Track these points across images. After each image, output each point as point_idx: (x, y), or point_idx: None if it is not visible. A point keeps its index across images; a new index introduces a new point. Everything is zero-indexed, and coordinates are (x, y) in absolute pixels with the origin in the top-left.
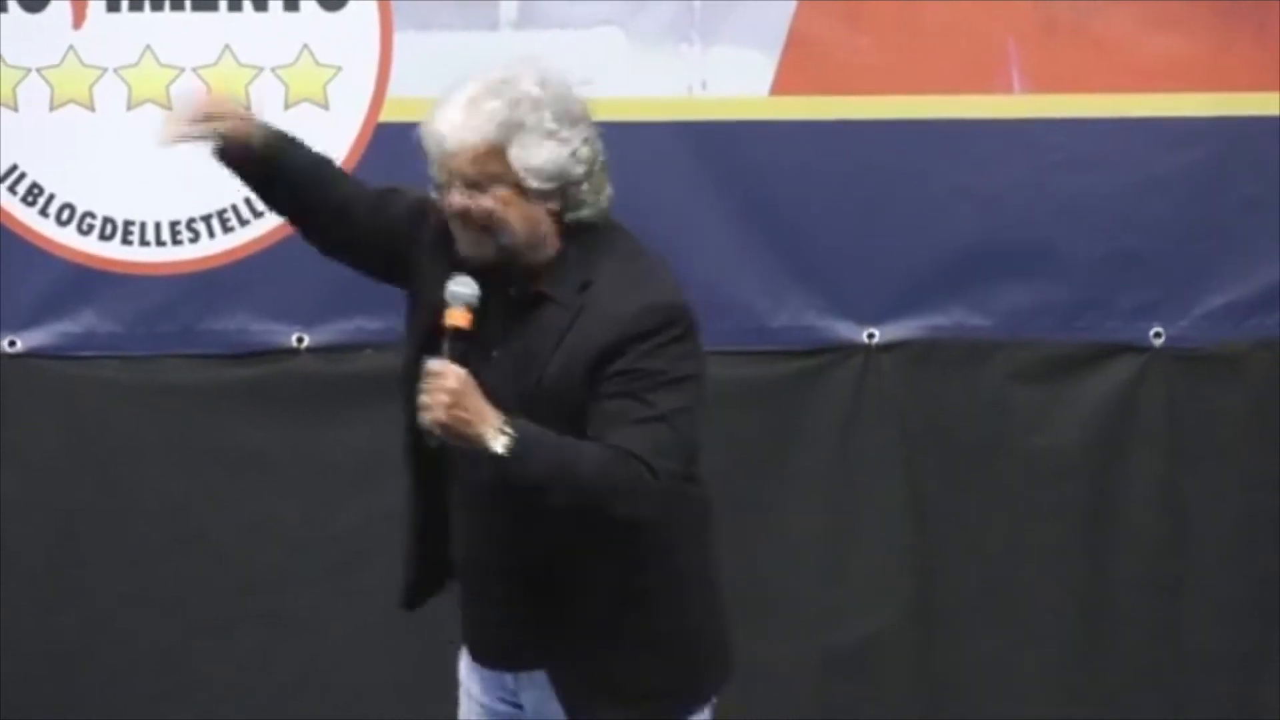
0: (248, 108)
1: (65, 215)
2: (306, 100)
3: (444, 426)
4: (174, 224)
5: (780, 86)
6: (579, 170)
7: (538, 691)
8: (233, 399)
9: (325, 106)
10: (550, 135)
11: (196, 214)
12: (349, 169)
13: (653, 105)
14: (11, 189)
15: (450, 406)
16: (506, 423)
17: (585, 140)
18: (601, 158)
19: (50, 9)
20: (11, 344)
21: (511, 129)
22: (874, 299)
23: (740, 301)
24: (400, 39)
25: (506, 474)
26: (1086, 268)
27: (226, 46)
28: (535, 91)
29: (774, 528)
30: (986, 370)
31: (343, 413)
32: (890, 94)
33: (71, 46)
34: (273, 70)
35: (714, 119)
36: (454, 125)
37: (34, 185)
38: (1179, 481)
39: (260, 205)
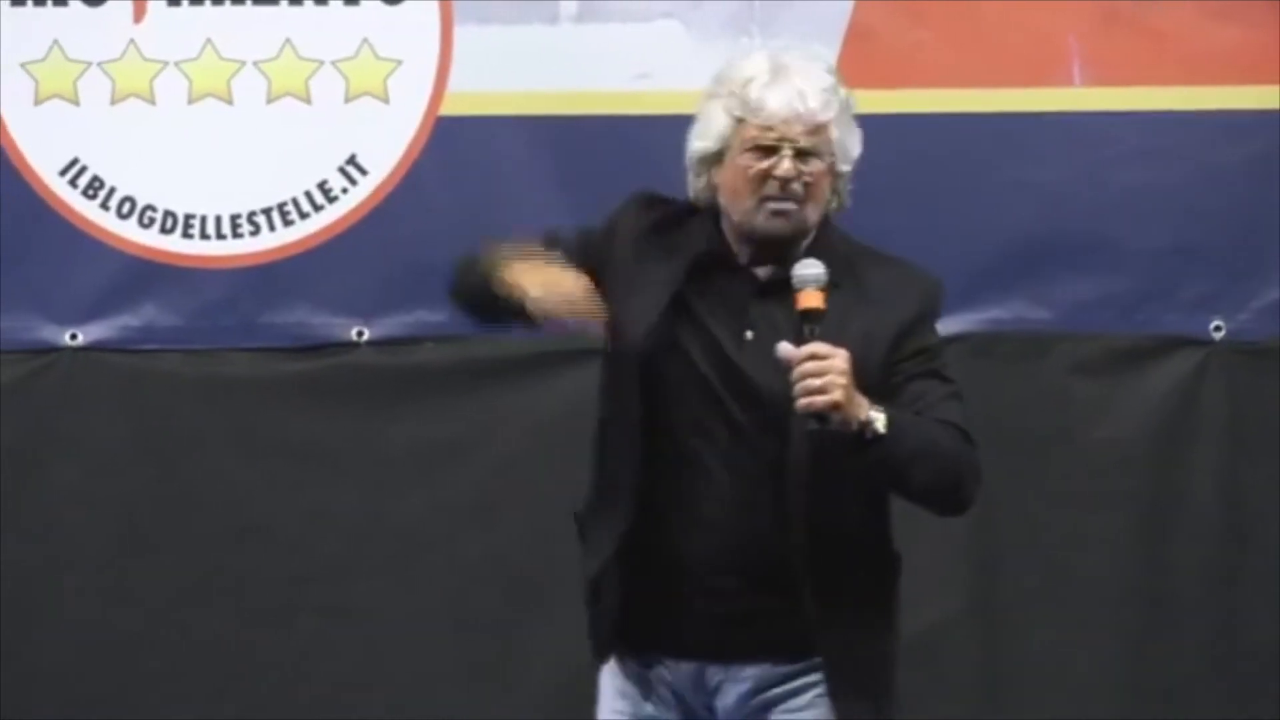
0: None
1: (126, 209)
2: (367, 94)
3: (838, 407)
4: (234, 217)
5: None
6: (853, 162)
7: (741, 686)
8: (293, 392)
9: (385, 100)
10: (852, 124)
11: (257, 207)
12: (409, 163)
13: None
14: (72, 182)
15: (846, 386)
16: (872, 404)
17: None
18: None
19: (110, 4)
20: (73, 337)
21: (841, 109)
22: None
23: None
24: (460, 33)
25: (882, 454)
26: (1146, 260)
27: (287, 40)
28: (841, 77)
29: None
30: (1047, 363)
31: (402, 405)
32: (950, 87)
33: (132, 40)
34: (333, 64)
35: None
36: (795, 94)
37: (95, 179)
38: (1239, 474)
39: (320, 199)
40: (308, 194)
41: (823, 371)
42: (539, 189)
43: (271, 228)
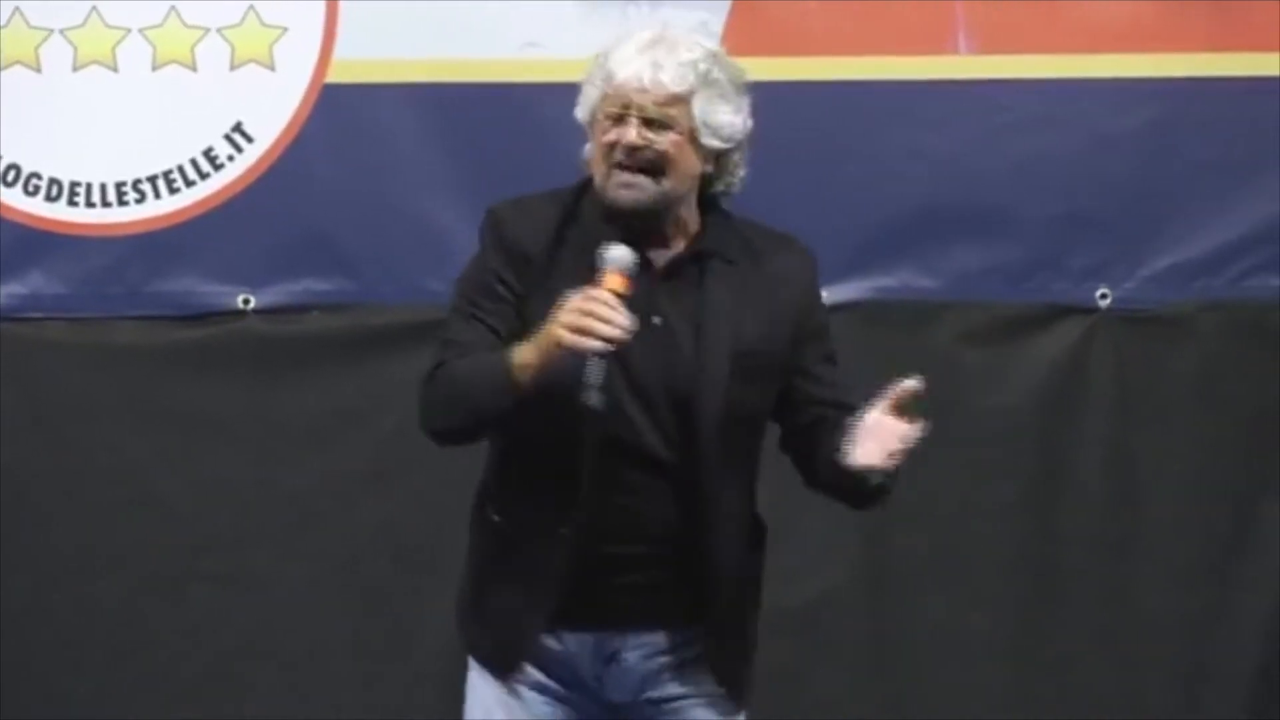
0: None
1: (11, 176)
2: (253, 61)
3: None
4: (120, 185)
5: (726, 47)
6: (740, 138)
7: (641, 653)
8: (181, 361)
9: (271, 68)
10: (727, 99)
11: (142, 175)
12: (295, 131)
13: None
14: None
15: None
16: None
17: (747, 114)
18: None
19: None
20: None
21: (705, 82)
22: (822, 260)
23: None
24: (346, 1)
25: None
26: (1035, 229)
27: (173, 8)
28: (721, 53)
29: None
30: (935, 331)
31: (291, 374)
32: (837, 55)
33: (17, 8)
34: (219, 31)
35: None
36: (648, 64)
37: None
38: (1128, 442)
39: (206, 167)
40: (193, 161)
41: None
42: (426, 157)
43: (157, 195)
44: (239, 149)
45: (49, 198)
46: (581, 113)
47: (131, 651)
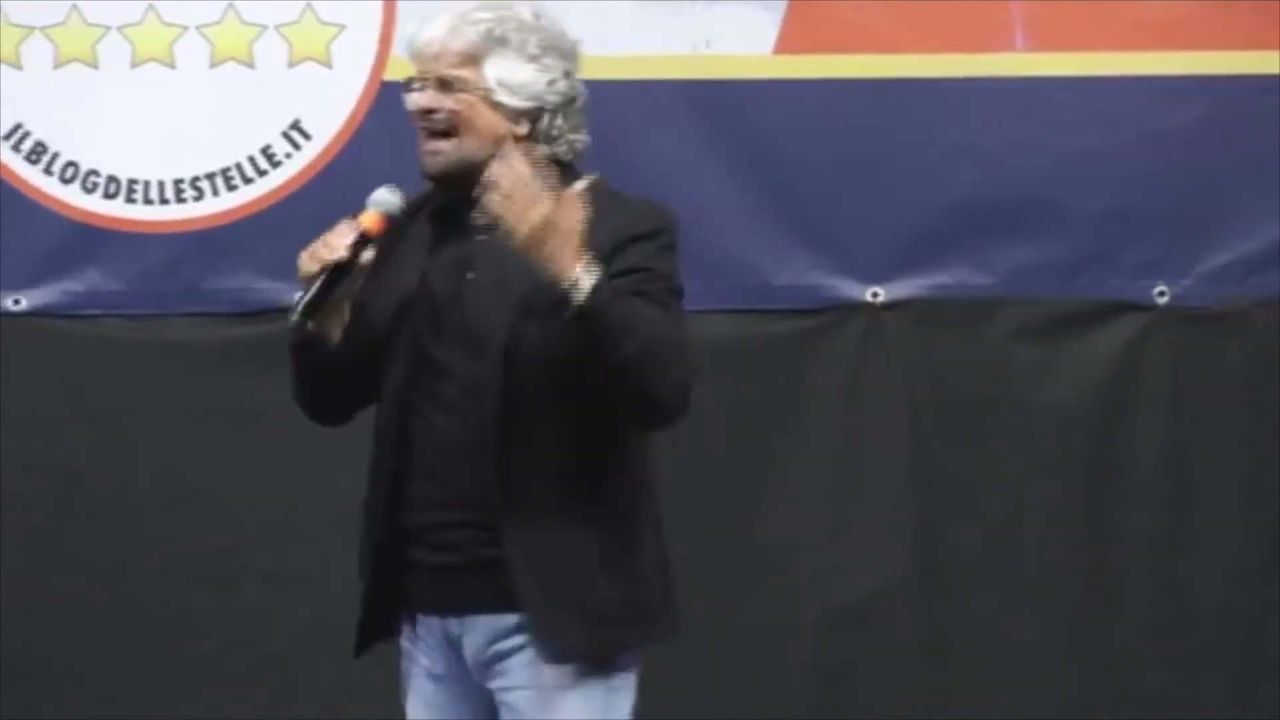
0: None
1: (69, 174)
2: (310, 59)
3: (531, 242)
4: (178, 182)
5: (784, 45)
6: (553, 99)
7: (478, 637)
8: (236, 358)
9: (329, 65)
10: (531, 59)
11: (200, 172)
12: (352, 128)
13: (657, 63)
14: (15, 147)
15: (544, 229)
16: (589, 266)
17: (566, 74)
18: (581, 101)
19: None
20: (15, 302)
21: (493, 42)
22: (877, 258)
23: (743, 260)
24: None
25: (589, 313)
26: (1089, 225)
27: (230, 4)
28: (526, 17)
29: (777, 486)
30: (990, 328)
31: None
32: (893, 53)
33: (75, 6)
34: (276, 28)
35: (718, 77)
36: (440, 29)
37: (38, 144)
38: (1182, 438)
39: (264, 164)
40: (251, 159)
41: (526, 199)
42: None
43: (215, 193)
44: (297, 146)
45: (106, 195)
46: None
47: (180, 647)
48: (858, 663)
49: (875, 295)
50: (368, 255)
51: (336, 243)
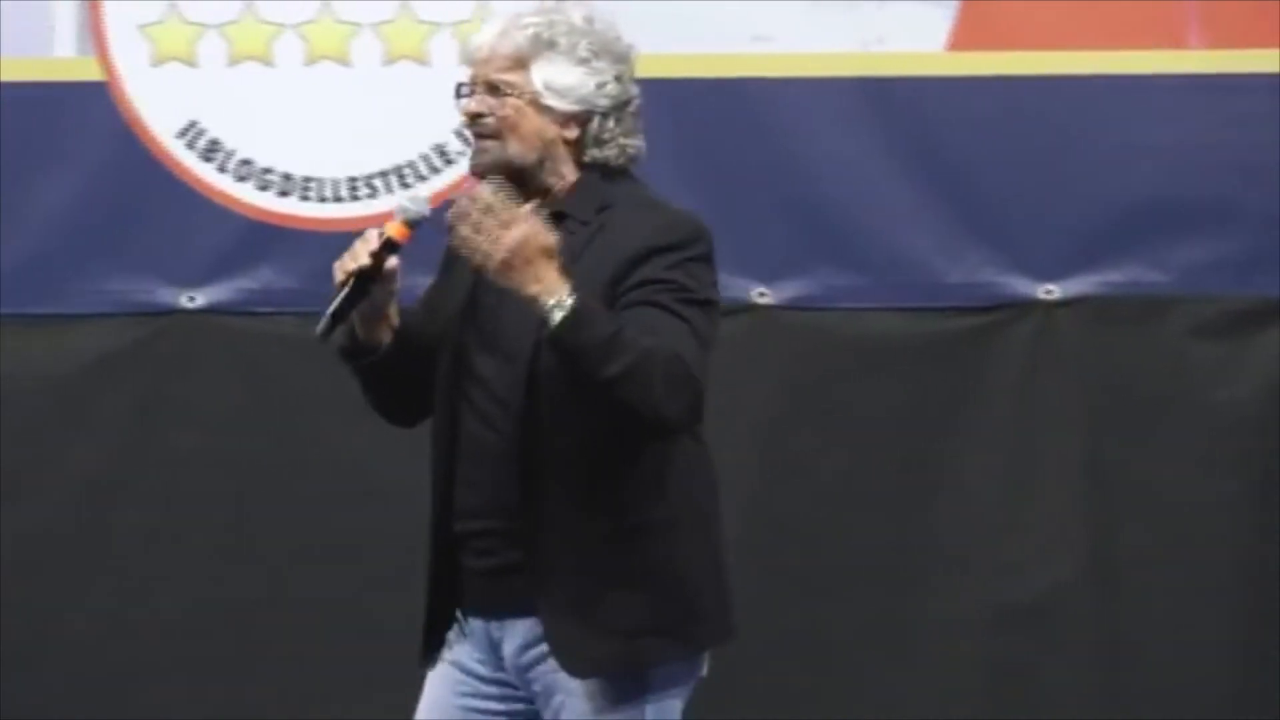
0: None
1: (244, 171)
2: (406, 57)
3: (501, 271)
4: (352, 180)
5: (956, 41)
6: (603, 103)
7: (517, 642)
8: None
9: (425, 63)
10: (581, 62)
11: (374, 170)
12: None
13: (829, 61)
14: (190, 145)
15: (509, 248)
16: (570, 289)
17: (618, 78)
18: (635, 105)
19: None
20: (191, 300)
21: (542, 45)
22: (1051, 255)
23: (916, 258)
24: None
25: (565, 341)
26: (1265, 223)
27: (404, 3)
28: (576, 20)
29: (951, 484)
30: (1164, 326)
31: None
32: (1066, 49)
33: (249, 4)
34: (450, 26)
35: (890, 74)
36: (491, 34)
37: (213, 141)
38: None
39: (438, 162)
40: (424, 157)
41: (488, 230)
42: (655, 152)
43: (389, 190)
44: (470, 144)
45: (281, 193)
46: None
47: (357, 643)
48: (1033, 662)
49: (1049, 293)
50: (393, 262)
51: (362, 251)
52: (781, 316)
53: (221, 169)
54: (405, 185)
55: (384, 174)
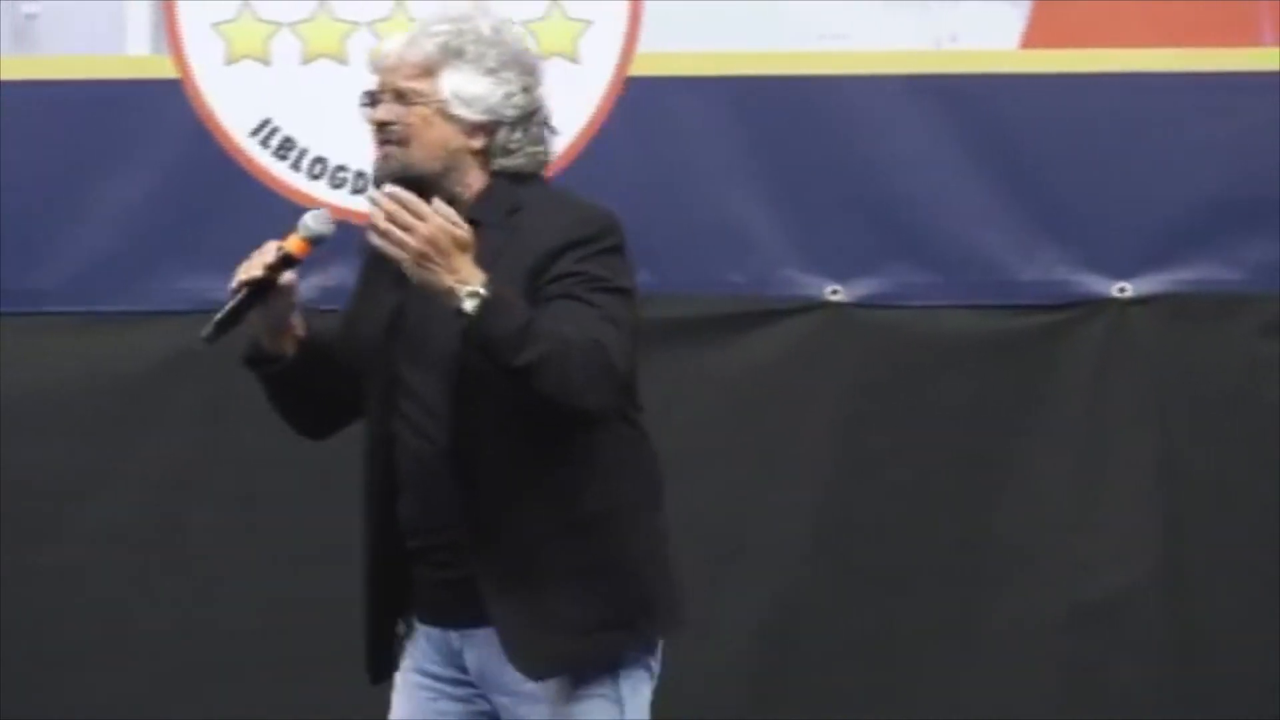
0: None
1: (317, 169)
2: (557, 54)
3: (418, 264)
4: None
5: (1030, 39)
6: (510, 113)
7: (478, 650)
8: None
9: (575, 60)
10: (489, 72)
11: None
12: (598, 123)
13: (902, 58)
14: (264, 143)
15: (424, 246)
16: (484, 280)
17: (525, 89)
18: (542, 114)
19: None
20: None
21: (450, 54)
22: (1124, 253)
23: (990, 256)
24: None
25: (481, 329)
26: None
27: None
28: (486, 31)
29: (1023, 482)
30: (1236, 324)
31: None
32: (1139, 46)
33: (323, 2)
34: (524, 24)
35: (963, 72)
36: (399, 42)
37: (286, 139)
38: None
39: None
40: None
41: (404, 224)
42: (727, 150)
43: None
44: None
45: (355, 191)
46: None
47: None
48: (1105, 662)
49: (1122, 290)
50: (290, 276)
51: (257, 262)
52: (854, 314)
53: (295, 167)
54: None
55: None
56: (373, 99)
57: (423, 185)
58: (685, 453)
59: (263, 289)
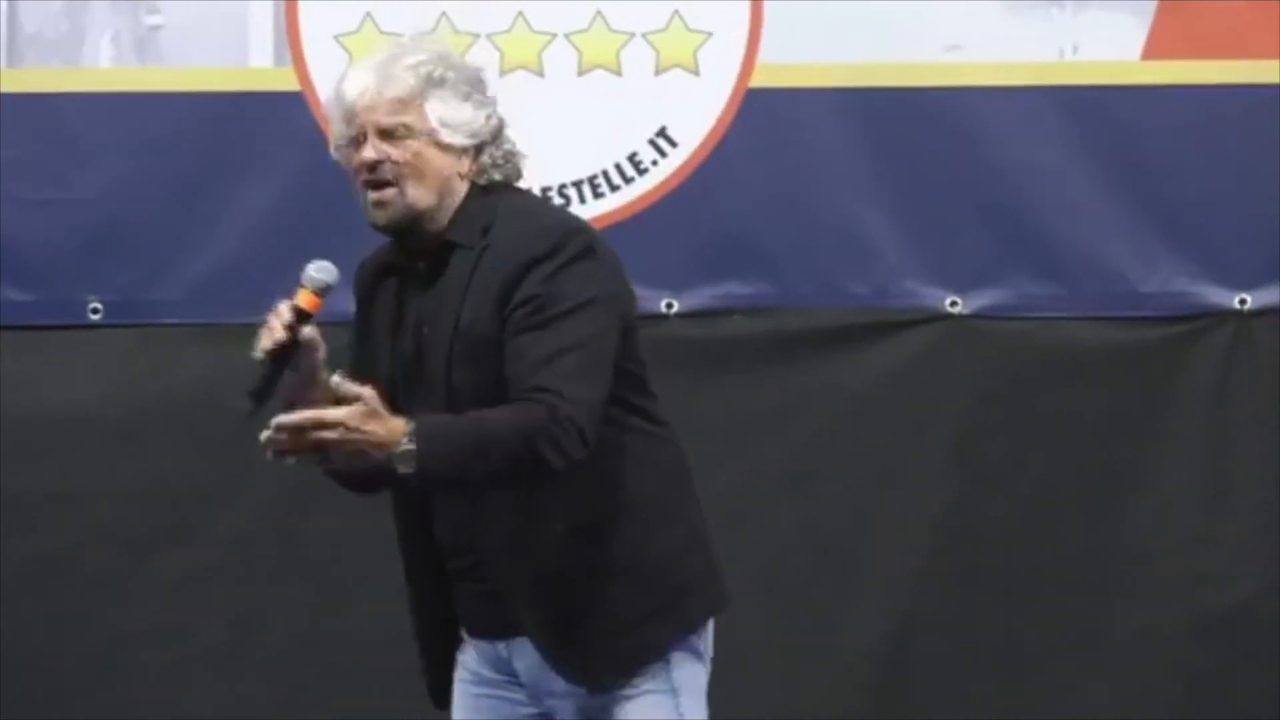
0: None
1: None
2: (677, 66)
3: (351, 453)
4: (545, 189)
5: (1152, 50)
6: (487, 133)
7: (526, 659)
8: None
9: (695, 72)
10: (466, 96)
11: (567, 179)
12: (719, 135)
13: (1023, 70)
14: None
15: (352, 435)
16: (406, 431)
17: (493, 106)
18: (504, 129)
19: None
20: None
21: (432, 83)
22: (1246, 264)
23: (1111, 267)
24: (770, 4)
25: (426, 477)
26: None
27: (598, 12)
28: (454, 57)
29: (1145, 493)
30: None
31: (713, 377)
32: (1263, 57)
33: (444, 12)
34: (644, 36)
35: (1085, 83)
36: (371, 79)
37: None
38: None
39: (630, 171)
40: (618, 166)
41: (322, 427)
42: (848, 162)
43: (582, 200)
44: (663, 154)
45: None
46: (334, 151)
47: None
48: (1227, 672)
49: (1243, 302)
50: (308, 332)
51: (276, 326)
52: (975, 325)
53: None
54: (598, 195)
55: (577, 183)
56: (353, 142)
57: (416, 221)
58: (806, 464)
59: (287, 351)
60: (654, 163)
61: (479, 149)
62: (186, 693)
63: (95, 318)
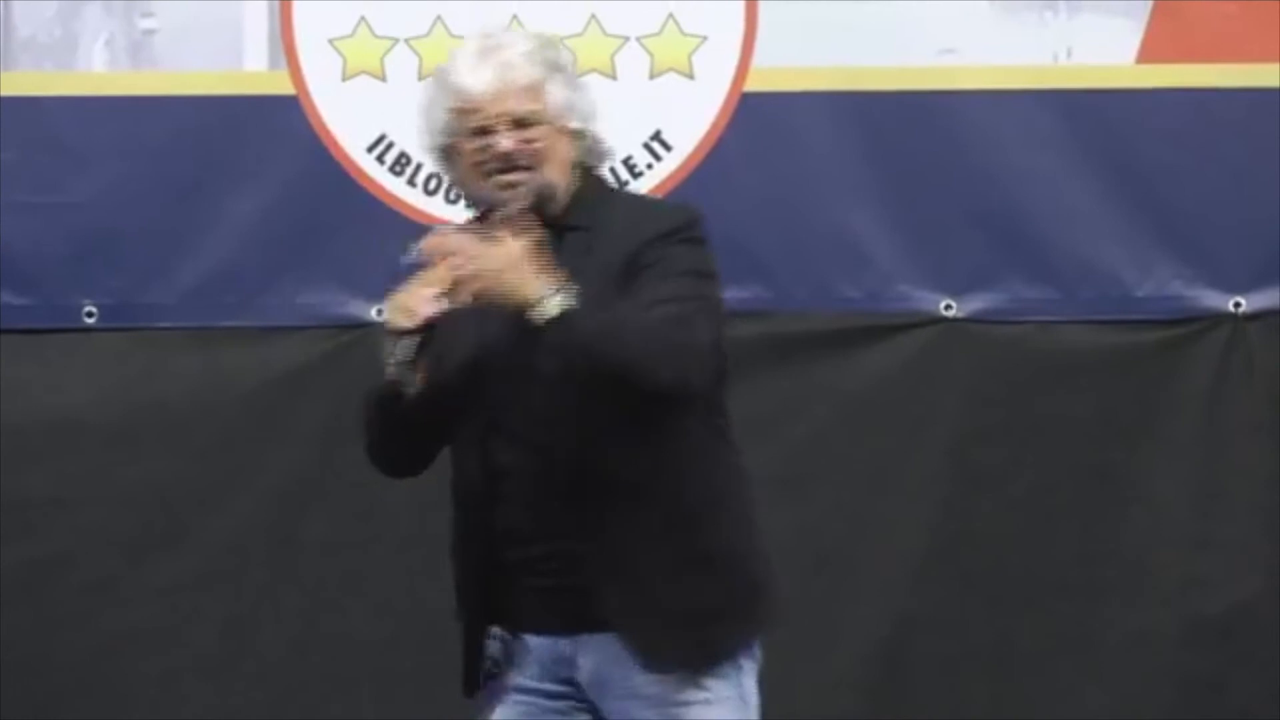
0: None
1: (432, 185)
2: (672, 70)
3: (493, 283)
4: None
5: (1146, 54)
6: (592, 114)
7: (594, 656)
8: None
9: (690, 76)
10: (573, 80)
11: None
12: (713, 140)
13: (1018, 73)
14: (380, 159)
15: (493, 271)
16: (556, 285)
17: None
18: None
19: None
20: (379, 312)
21: (551, 68)
22: (1241, 268)
23: (1106, 270)
24: (765, 8)
25: (559, 335)
26: None
27: (593, 16)
28: (552, 41)
29: (1140, 496)
30: None
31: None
32: (1258, 61)
33: (439, 16)
34: (638, 40)
35: (1080, 87)
36: (490, 71)
37: (402, 155)
38: None
39: (625, 175)
40: (612, 170)
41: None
42: (843, 165)
43: None
44: (658, 158)
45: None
46: (434, 139)
47: None
48: (1222, 675)
49: (1238, 306)
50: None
51: (420, 297)
52: (970, 329)
53: (411, 183)
54: None
55: None
56: (486, 132)
57: (549, 203)
58: (801, 467)
59: (432, 325)
60: (649, 167)
61: (587, 131)
62: (180, 697)
63: (89, 321)
